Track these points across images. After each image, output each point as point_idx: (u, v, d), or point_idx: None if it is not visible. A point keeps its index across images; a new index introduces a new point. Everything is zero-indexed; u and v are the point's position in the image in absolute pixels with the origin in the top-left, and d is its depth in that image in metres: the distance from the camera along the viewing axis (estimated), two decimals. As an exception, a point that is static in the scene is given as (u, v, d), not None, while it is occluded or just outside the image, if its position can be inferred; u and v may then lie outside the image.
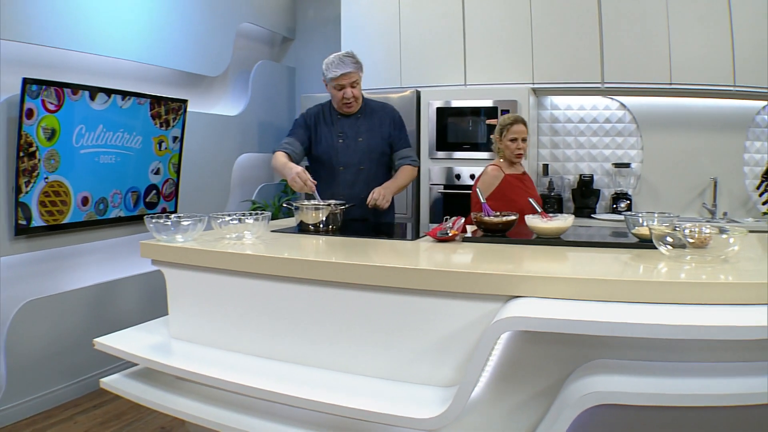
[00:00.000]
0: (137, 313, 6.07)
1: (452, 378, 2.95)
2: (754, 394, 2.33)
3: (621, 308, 2.53)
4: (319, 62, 8.63)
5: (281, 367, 3.27)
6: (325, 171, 5.28)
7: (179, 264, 3.64)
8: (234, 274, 3.44)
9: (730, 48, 7.04)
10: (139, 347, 3.58)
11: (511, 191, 5.36)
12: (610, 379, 2.47)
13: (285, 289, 3.30)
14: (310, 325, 3.28)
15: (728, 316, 2.40)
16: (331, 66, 5.13)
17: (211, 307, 3.60)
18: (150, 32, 6.31)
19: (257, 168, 8.24)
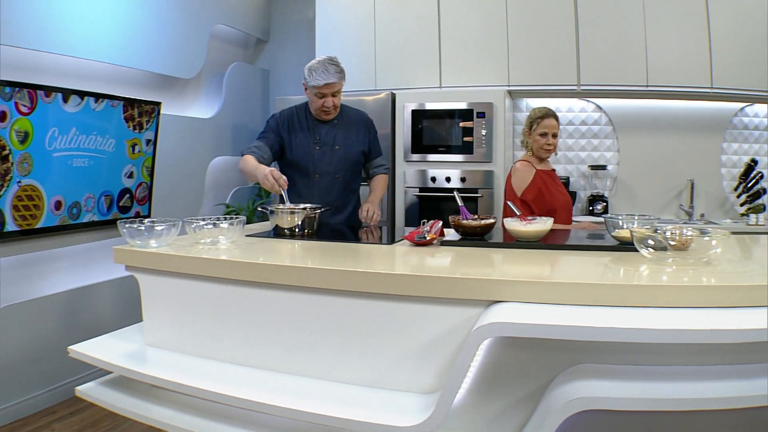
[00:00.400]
0: (113, 319, 6.02)
1: (433, 384, 2.91)
2: (741, 398, 2.32)
3: (605, 312, 2.51)
4: (294, 64, 8.67)
5: (259, 375, 3.22)
6: (300, 177, 5.21)
7: (153, 270, 3.57)
8: (209, 279, 3.38)
9: (707, 50, 7.08)
10: (113, 355, 3.51)
11: (545, 187, 5.29)
12: (595, 384, 2.45)
13: (261, 295, 3.25)
14: (287, 332, 3.22)
15: (713, 319, 2.39)
16: (314, 73, 5.01)
17: (186, 314, 3.54)
18: (123, 34, 6.24)
19: (231, 171, 8.17)
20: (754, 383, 2.37)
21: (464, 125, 7.22)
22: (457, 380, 2.51)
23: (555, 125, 5.35)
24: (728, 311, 2.48)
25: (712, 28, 7.13)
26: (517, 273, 3.11)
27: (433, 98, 7.44)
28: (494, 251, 3.71)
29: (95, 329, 4.62)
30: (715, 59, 7.11)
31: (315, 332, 3.15)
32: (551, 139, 5.33)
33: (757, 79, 7.16)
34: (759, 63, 7.15)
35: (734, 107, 7.73)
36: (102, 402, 3.54)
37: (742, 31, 7.16)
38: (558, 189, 5.40)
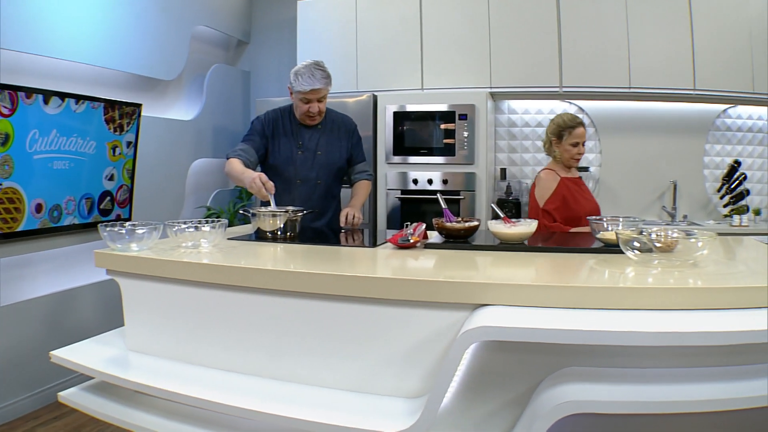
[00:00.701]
0: (95, 322, 6.02)
1: (419, 389, 2.89)
2: (730, 400, 2.31)
3: (592, 315, 2.50)
4: (275, 66, 8.64)
5: (242, 380, 3.18)
6: (281, 182, 5.14)
7: (134, 274, 3.53)
8: (191, 284, 3.34)
9: (690, 52, 7.10)
10: (95, 361, 3.46)
11: (570, 195, 5.24)
12: (584, 387, 2.43)
13: (244, 299, 3.21)
14: (271, 336, 3.19)
15: (701, 321, 2.39)
16: (300, 78, 4.95)
17: (168, 319, 3.51)
18: (104, 35, 6.19)
19: (212, 174, 8.13)
20: (742, 385, 2.37)
21: (446, 127, 7.20)
22: (444, 385, 2.49)
23: (584, 134, 5.33)
24: (716, 313, 2.47)
25: (695, 30, 7.15)
26: (503, 276, 3.10)
27: (415, 100, 7.42)
28: (478, 254, 3.71)
29: (77, 333, 4.58)
30: (698, 61, 7.12)
31: (299, 336, 3.12)
32: (581, 147, 5.31)
33: (740, 81, 7.18)
34: (742, 64, 7.17)
35: (717, 109, 7.75)
36: (84, 408, 3.51)
37: (726, 33, 7.19)
38: (584, 196, 5.36)
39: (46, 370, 5.57)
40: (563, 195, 5.21)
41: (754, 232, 6.86)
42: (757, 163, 7.89)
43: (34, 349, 5.54)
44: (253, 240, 4.27)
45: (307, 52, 7.78)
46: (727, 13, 7.20)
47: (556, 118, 5.45)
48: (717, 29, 7.18)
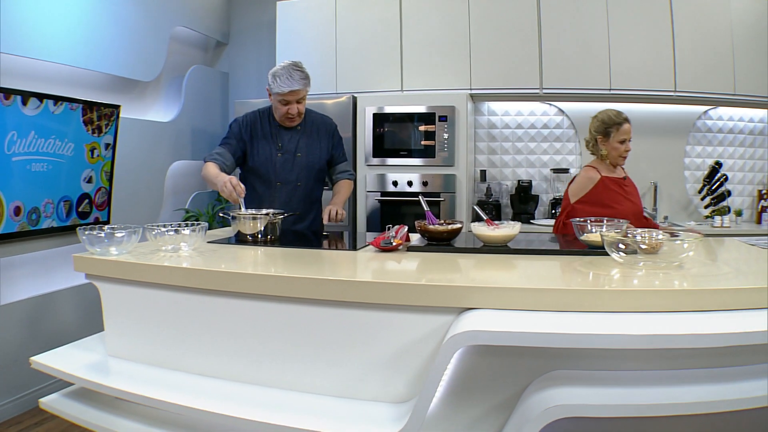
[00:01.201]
0: (75, 326, 5.98)
1: (404, 394, 2.87)
2: (721, 402, 2.31)
3: (579, 318, 2.50)
4: (254, 67, 8.60)
5: (225, 386, 3.14)
6: (261, 185, 5.16)
7: (114, 278, 3.49)
8: (171, 288, 3.30)
9: (671, 53, 7.14)
10: (75, 367, 3.41)
11: (608, 196, 5.13)
12: (573, 391, 2.41)
13: (225, 303, 3.17)
14: (253, 342, 3.15)
15: (690, 323, 2.39)
16: (278, 79, 4.92)
17: (149, 324, 3.46)
18: (82, 35, 6.12)
19: (191, 176, 8.07)
20: (731, 387, 2.37)
21: (426, 129, 7.18)
22: (431, 390, 2.48)
23: (630, 130, 5.21)
24: (704, 315, 2.48)
25: (676, 32, 7.17)
26: (488, 279, 3.09)
27: (395, 102, 7.40)
28: (462, 256, 3.68)
29: (58, 337, 4.56)
30: (679, 62, 7.15)
31: (282, 341, 3.09)
32: (627, 144, 5.20)
33: (721, 83, 7.23)
34: (724, 66, 7.22)
35: (698, 110, 7.81)
36: (66, 414, 3.46)
37: (707, 35, 7.23)
38: (626, 197, 5.19)
39: (28, 374, 5.49)
40: (599, 195, 5.13)
41: (736, 233, 6.87)
42: (738, 164, 7.94)
43: (14, 354, 5.48)
44: (234, 243, 4.22)
45: (286, 54, 7.74)
46: (709, 15, 7.24)
47: (600, 114, 5.36)
48: (698, 31, 7.22)
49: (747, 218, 7.92)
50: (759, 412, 2.41)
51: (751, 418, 2.53)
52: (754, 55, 7.36)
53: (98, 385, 3.23)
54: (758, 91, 7.38)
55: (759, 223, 7.81)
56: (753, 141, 8.04)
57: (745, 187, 8.04)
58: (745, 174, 8.03)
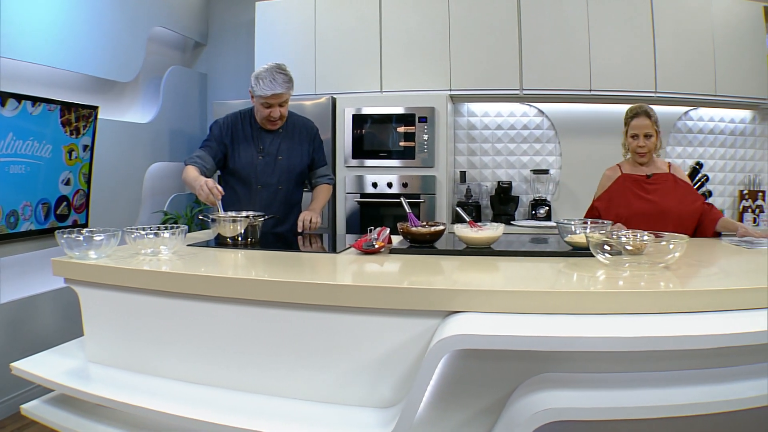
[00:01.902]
0: (55, 330, 5.94)
1: (390, 398, 2.85)
2: (712, 403, 2.32)
3: (566, 320, 2.49)
4: (232, 68, 8.56)
5: (207, 392, 3.10)
6: (242, 188, 5.14)
7: (93, 283, 3.43)
8: (151, 293, 3.25)
9: (651, 54, 7.19)
10: (55, 373, 3.37)
11: (620, 195, 5.06)
12: (561, 394, 2.41)
13: (206, 308, 3.13)
14: (236, 347, 3.11)
15: (679, 325, 2.41)
16: (261, 82, 4.88)
17: (129, 329, 3.41)
18: (60, 35, 6.04)
19: (169, 178, 8.02)
20: (722, 388, 2.38)
21: (405, 130, 7.16)
22: (418, 395, 2.45)
23: (646, 124, 5.00)
24: (694, 316, 2.50)
25: (657, 33, 7.21)
26: (474, 282, 3.05)
27: (374, 103, 7.37)
28: (445, 259, 3.67)
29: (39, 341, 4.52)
30: (660, 63, 7.19)
31: (265, 346, 3.05)
32: (642, 140, 5.02)
33: (702, 83, 7.28)
34: (705, 67, 7.27)
35: (679, 111, 7.86)
36: (47, 421, 3.41)
37: (688, 36, 7.28)
38: (645, 196, 4.99)
39: (9, 379, 5.39)
40: (616, 193, 5.08)
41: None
42: (719, 165, 8.00)
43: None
44: (213, 246, 4.18)
45: (265, 54, 7.73)
46: (690, 16, 7.30)
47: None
48: (679, 32, 7.27)
49: (728, 218, 7.91)
50: (749, 412, 2.41)
51: (742, 418, 2.53)
52: (734, 55, 7.42)
53: (79, 392, 3.19)
54: (739, 92, 7.44)
55: (741, 222, 7.82)
56: (734, 141, 8.09)
57: (726, 187, 8.09)
58: (726, 174, 8.07)
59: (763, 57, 7.58)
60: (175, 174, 8.00)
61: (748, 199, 7.95)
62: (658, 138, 5.05)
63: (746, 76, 7.49)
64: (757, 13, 7.56)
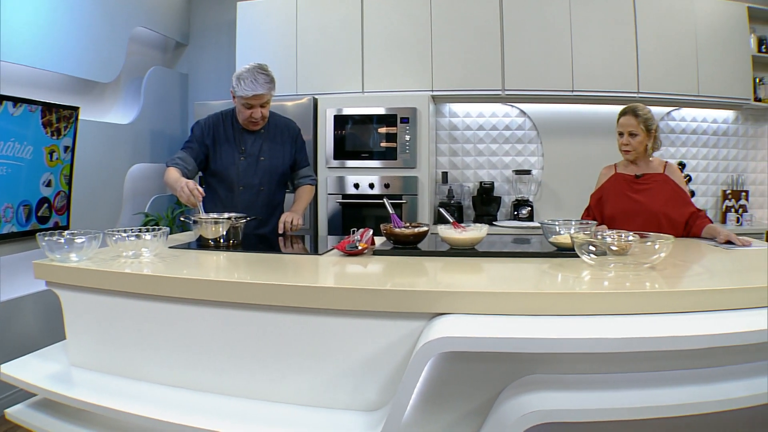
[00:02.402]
0: (38, 334, 5.89)
1: (375, 401, 2.83)
2: (702, 403, 2.34)
3: (553, 322, 2.49)
4: (213, 69, 8.52)
5: (191, 396, 3.07)
6: (223, 189, 5.12)
7: (74, 286, 3.40)
8: (133, 296, 3.21)
9: (634, 55, 7.24)
10: (38, 377, 3.33)
11: (609, 194, 5.08)
12: (549, 395, 2.40)
13: (189, 311, 3.10)
14: (219, 350, 3.08)
15: (669, 325, 2.42)
16: (243, 82, 4.85)
17: (111, 332, 3.37)
18: (40, 35, 5.98)
19: (150, 179, 7.97)
20: (711, 388, 2.39)
21: (387, 131, 7.15)
22: (405, 398, 2.44)
23: (630, 123, 4.95)
24: (681, 317, 2.51)
25: (640, 33, 7.25)
26: (459, 284, 3.05)
27: (356, 103, 7.37)
28: (429, 260, 3.66)
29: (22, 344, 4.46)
30: (642, 64, 7.22)
31: (248, 350, 3.02)
32: (627, 138, 4.99)
33: (685, 84, 7.34)
34: (687, 67, 7.32)
35: (661, 111, 7.91)
36: (31, 425, 3.38)
37: (670, 36, 7.33)
38: (632, 195, 4.99)
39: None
40: (602, 194, 5.11)
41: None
42: (701, 165, 8.06)
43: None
44: (195, 248, 4.16)
45: (246, 55, 7.71)
46: (673, 17, 7.36)
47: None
48: (662, 32, 7.33)
49: (711, 218, 7.94)
50: (739, 412, 2.41)
51: (731, 418, 2.53)
52: (717, 56, 7.47)
53: (62, 396, 3.15)
54: (722, 92, 7.51)
55: (724, 222, 7.91)
56: (716, 141, 8.14)
57: (708, 187, 8.14)
58: (709, 174, 8.12)
59: (746, 57, 7.62)
60: (156, 175, 7.96)
61: (731, 199, 7.99)
62: (649, 138, 5.01)
63: (729, 76, 7.55)
64: (740, 14, 7.61)
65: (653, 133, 5.01)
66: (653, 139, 5.04)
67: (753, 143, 8.32)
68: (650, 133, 4.99)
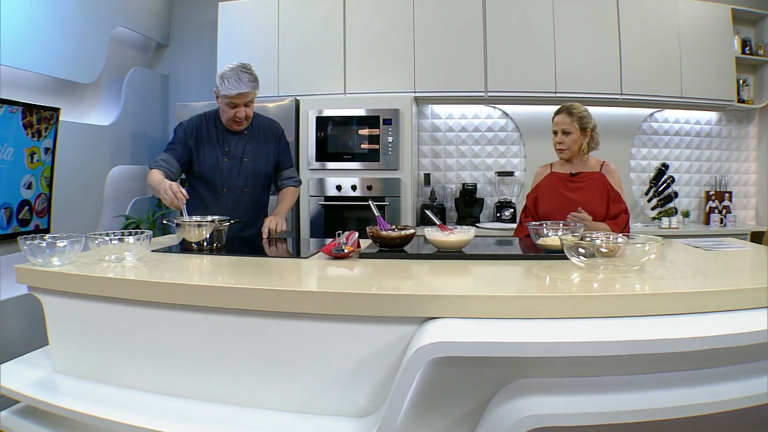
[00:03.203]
0: (20, 339, 5.81)
1: (365, 407, 2.80)
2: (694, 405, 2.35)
3: (546, 325, 2.47)
4: (194, 70, 8.48)
5: (176, 403, 3.03)
6: (207, 191, 5.06)
7: (57, 291, 3.34)
8: (117, 301, 3.17)
9: (617, 56, 7.29)
10: (21, 384, 3.28)
11: (544, 192, 5.10)
12: (544, 400, 2.38)
13: (174, 316, 3.05)
14: (205, 356, 3.04)
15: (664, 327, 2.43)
16: (226, 81, 4.80)
17: (95, 338, 3.32)
18: (21, 35, 5.91)
19: (131, 181, 7.91)
20: (707, 389, 2.40)
21: (370, 132, 7.12)
22: (398, 404, 2.42)
23: (564, 121, 5.00)
24: (677, 318, 2.52)
25: (623, 35, 7.29)
26: (449, 287, 2.99)
27: (338, 105, 7.36)
28: (416, 263, 3.65)
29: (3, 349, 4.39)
30: (626, 65, 7.27)
31: (235, 355, 2.98)
32: (561, 137, 5.01)
33: (668, 85, 7.40)
34: (671, 69, 7.39)
35: (644, 113, 7.99)
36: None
37: (654, 38, 7.40)
38: (564, 193, 5.00)
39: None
40: (540, 189, 5.13)
41: (684, 234, 7.02)
42: (684, 166, 8.11)
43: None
44: (179, 252, 4.11)
45: (228, 56, 7.68)
46: (656, 18, 7.42)
47: None
48: (645, 34, 7.38)
49: (694, 219, 8.09)
50: (732, 413, 2.41)
51: (724, 420, 2.53)
52: (701, 57, 7.53)
53: (46, 404, 3.11)
54: (705, 94, 7.57)
55: (707, 223, 7.95)
56: (699, 143, 8.20)
57: (692, 188, 8.19)
58: (692, 175, 8.17)
59: (730, 59, 7.68)
60: (137, 177, 7.92)
61: (714, 200, 8.03)
62: (584, 136, 5.03)
63: (713, 77, 7.61)
64: (724, 15, 7.68)
65: (589, 132, 5.03)
66: (589, 138, 5.06)
67: (736, 144, 8.39)
68: (585, 132, 5.02)
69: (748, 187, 8.51)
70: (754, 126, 8.45)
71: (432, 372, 2.61)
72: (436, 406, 2.66)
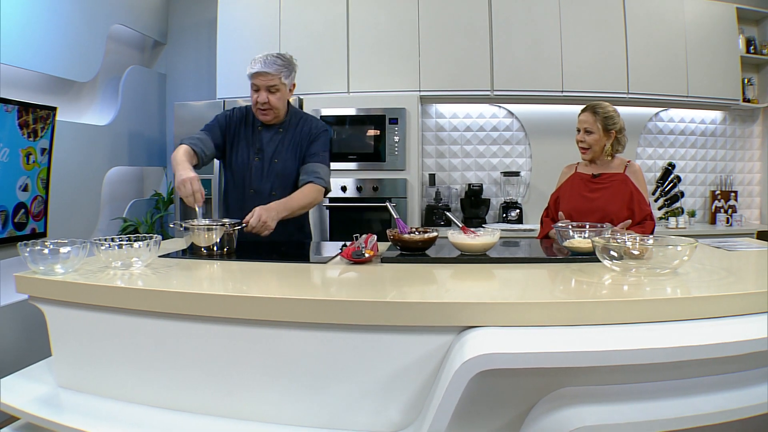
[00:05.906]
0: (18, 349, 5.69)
1: (399, 422, 2.66)
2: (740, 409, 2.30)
3: (590, 332, 2.40)
4: (192, 68, 8.39)
5: (193, 420, 2.86)
6: (235, 191, 4.82)
7: (61, 301, 3.17)
8: (126, 312, 3.00)
9: (624, 55, 7.36)
10: (23, 401, 3.11)
11: (565, 193, 5.02)
12: (590, 409, 2.29)
13: (190, 328, 2.89)
14: (224, 370, 2.87)
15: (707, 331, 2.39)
16: (253, 62, 4.65)
17: (102, 351, 3.14)
18: (17, 32, 5.79)
19: (128, 182, 7.81)
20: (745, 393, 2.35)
21: (375, 132, 7.05)
22: (443, 420, 2.29)
23: (587, 120, 4.92)
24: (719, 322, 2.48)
25: (629, 34, 7.34)
26: (486, 294, 2.87)
27: (341, 104, 7.30)
28: (440, 267, 3.52)
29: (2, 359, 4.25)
30: (632, 64, 7.34)
31: (257, 369, 2.82)
32: (582, 135, 4.94)
33: (674, 84, 7.48)
34: (677, 68, 7.48)
35: (650, 112, 8.01)
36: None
37: (660, 37, 7.48)
38: (584, 195, 4.92)
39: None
40: (562, 189, 5.07)
41: (691, 234, 6.99)
42: (690, 166, 8.17)
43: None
44: (188, 257, 3.93)
45: (227, 54, 7.60)
46: (662, 17, 7.48)
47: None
48: (651, 33, 7.45)
49: (700, 219, 8.10)
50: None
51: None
52: (707, 57, 7.62)
53: (50, 422, 2.94)
54: (711, 93, 7.64)
55: (714, 223, 7.96)
56: (705, 142, 8.23)
57: (697, 188, 8.24)
58: (698, 175, 8.21)
59: (735, 58, 7.72)
60: (135, 178, 7.81)
61: (720, 200, 8.05)
62: (608, 138, 4.93)
63: (718, 77, 7.67)
64: (729, 15, 7.75)
65: (613, 134, 4.93)
66: (613, 140, 4.96)
67: (741, 143, 8.43)
68: (609, 134, 4.92)
69: (753, 187, 8.56)
70: (758, 125, 8.50)
71: (470, 383, 2.47)
72: (475, 418, 2.54)
